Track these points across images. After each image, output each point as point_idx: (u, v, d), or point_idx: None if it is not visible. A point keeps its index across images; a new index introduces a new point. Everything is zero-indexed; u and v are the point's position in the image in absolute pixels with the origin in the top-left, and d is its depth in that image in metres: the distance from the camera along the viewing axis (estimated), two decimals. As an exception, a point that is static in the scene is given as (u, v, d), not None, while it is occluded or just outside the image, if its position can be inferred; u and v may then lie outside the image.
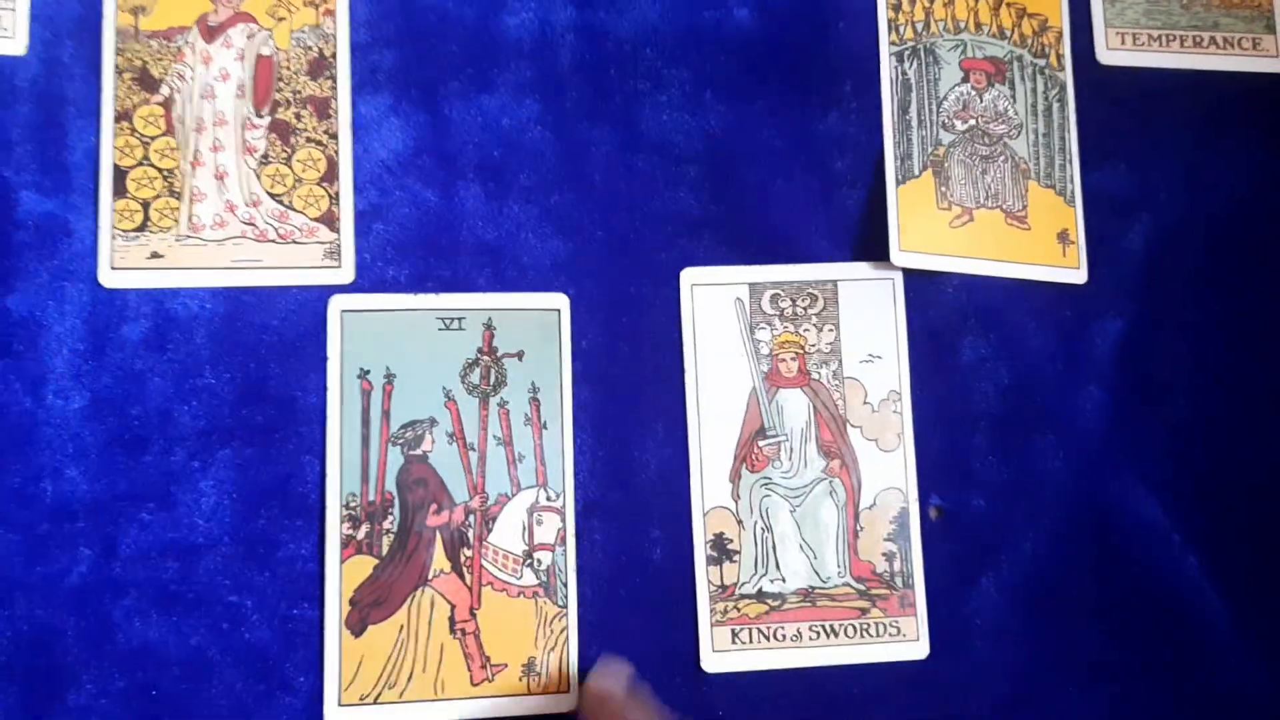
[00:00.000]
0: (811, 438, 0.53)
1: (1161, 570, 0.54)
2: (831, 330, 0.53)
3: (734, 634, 0.51)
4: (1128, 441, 0.55)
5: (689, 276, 0.52)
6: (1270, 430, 0.56)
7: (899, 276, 0.54)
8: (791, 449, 0.52)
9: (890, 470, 0.53)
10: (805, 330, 0.53)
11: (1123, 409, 0.55)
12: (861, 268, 0.54)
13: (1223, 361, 0.57)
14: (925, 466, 0.53)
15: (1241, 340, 0.57)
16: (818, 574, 0.52)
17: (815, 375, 0.53)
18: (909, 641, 0.51)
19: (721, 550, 0.51)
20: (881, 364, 0.53)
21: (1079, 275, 0.56)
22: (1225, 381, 0.57)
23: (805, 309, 0.53)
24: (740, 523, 0.51)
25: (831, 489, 0.52)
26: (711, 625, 0.50)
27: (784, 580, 0.51)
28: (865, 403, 0.53)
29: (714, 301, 0.53)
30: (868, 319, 0.53)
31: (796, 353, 0.53)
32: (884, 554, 0.52)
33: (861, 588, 0.52)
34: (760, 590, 0.51)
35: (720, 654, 0.50)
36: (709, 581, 0.51)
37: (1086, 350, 0.56)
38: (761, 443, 0.52)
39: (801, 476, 0.52)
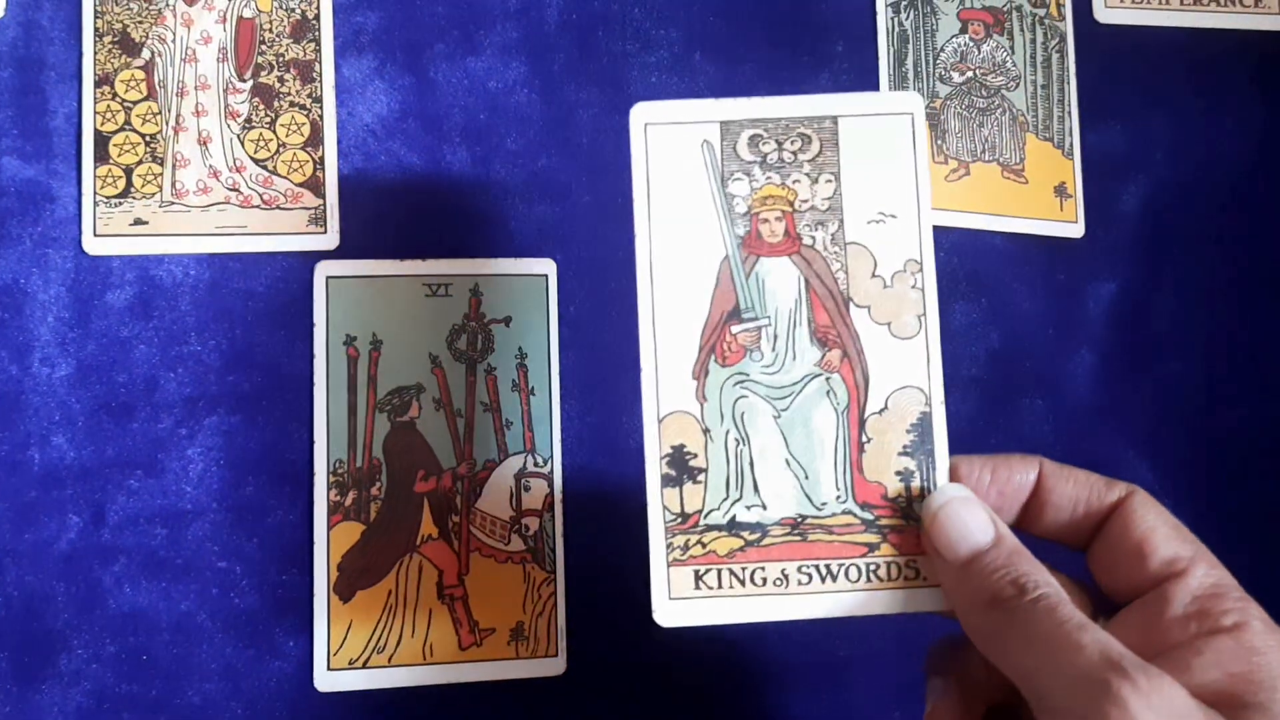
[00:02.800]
0: (803, 321, 0.40)
1: (1151, 534, 0.54)
2: (830, 181, 0.41)
3: (697, 576, 0.39)
4: (1119, 405, 0.55)
5: (641, 114, 0.40)
6: (1261, 394, 0.56)
7: (919, 110, 0.41)
8: (775, 335, 0.40)
9: (908, 363, 0.40)
10: (795, 182, 0.40)
11: (1114, 372, 0.55)
12: (869, 99, 0.41)
13: (1215, 325, 0.56)
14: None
15: (1234, 304, 0.57)
16: (809, 499, 0.40)
17: (808, 240, 0.40)
18: (927, 587, 0.39)
19: (681, 468, 0.39)
20: (896, 225, 0.40)
21: (1076, 229, 0.56)
22: (1217, 345, 0.56)
23: (796, 154, 0.41)
24: (707, 432, 0.40)
25: (829, 388, 0.40)
26: (668, 565, 0.39)
27: (764, 507, 0.39)
28: (875, 275, 0.40)
29: (675, 146, 0.41)
30: (879, 166, 0.40)
31: (783, 211, 0.40)
32: (898, 473, 0.40)
33: (868, 517, 0.39)
34: (733, 520, 0.39)
35: (679, 602, 0.39)
36: (664, 509, 0.39)
37: (1079, 313, 0.55)
38: (735, 328, 0.40)
39: (789, 372, 0.40)
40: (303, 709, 0.49)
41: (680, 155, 0.41)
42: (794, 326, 0.40)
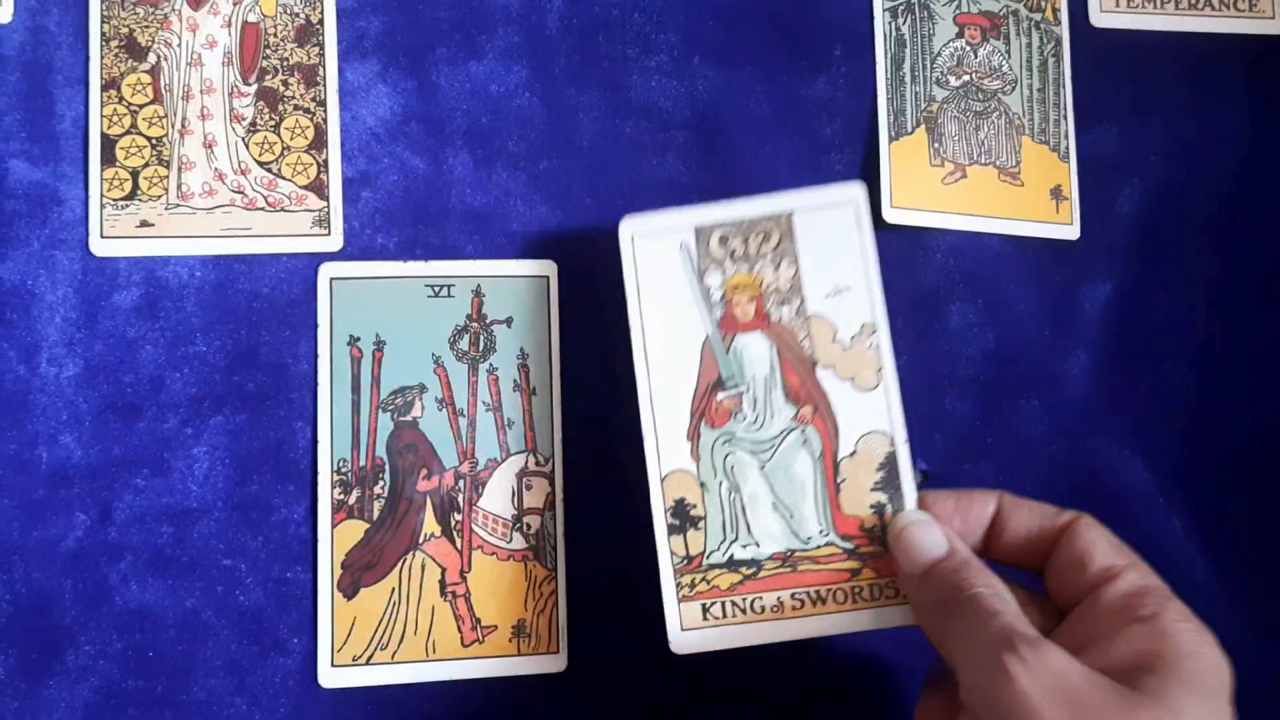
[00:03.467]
0: (777, 384, 0.47)
1: (1147, 533, 0.55)
2: (790, 266, 0.48)
3: (704, 609, 0.46)
4: (1114, 405, 0.56)
5: (628, 228, 0.47)
6: (1255, 395, 0.57)
7: (862, 197, 0.48)
8: (755, 398, 0.47)
9: (871, 411, 0.47)
10: (761, 269, 0.48)
11: (1109, 373, 0.56)
12: (818, 194, 0.48)
13: (1210, 326, 0.57)
14: (910, 427, 0.53)
15: (1229, 305, 0.57)
16: (796, 535, 0.46)
17: (775, 316, 0.47)
18: (905, 604, 0.46)
19: (683, 518, 0.46)
20: (850, 295, 0.47)
21: (1072, 231, 0.56)
22: (1212, 346, 0.57)
23: (759, 246, 0.48)
24: (703, 485, 0.46)
25: (804, 438, 0.47)
26: (679, 601, 0.46)
27: (757, 545, 0.46)
28: (835, 340, 0.47)
29: (658, 250, 0.47)
30: (831, 248, 0.47)
31: (753, 294, 0.47)
32: (871, 506, 0.46)
33: (849, 546, 0.46)
34: (731, 558, 0.46)
35: (690, 632, 0.46)
36: (672, 553, 0.46)
37: (1074, 314, 0.56)
38: (720, 395, 0.47)
39: (769, 428, 0.47)
40: (307, 705, 0.49)
41: (663, 257, 0.48)
42: (770, 389, 0.47)
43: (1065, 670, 0.36)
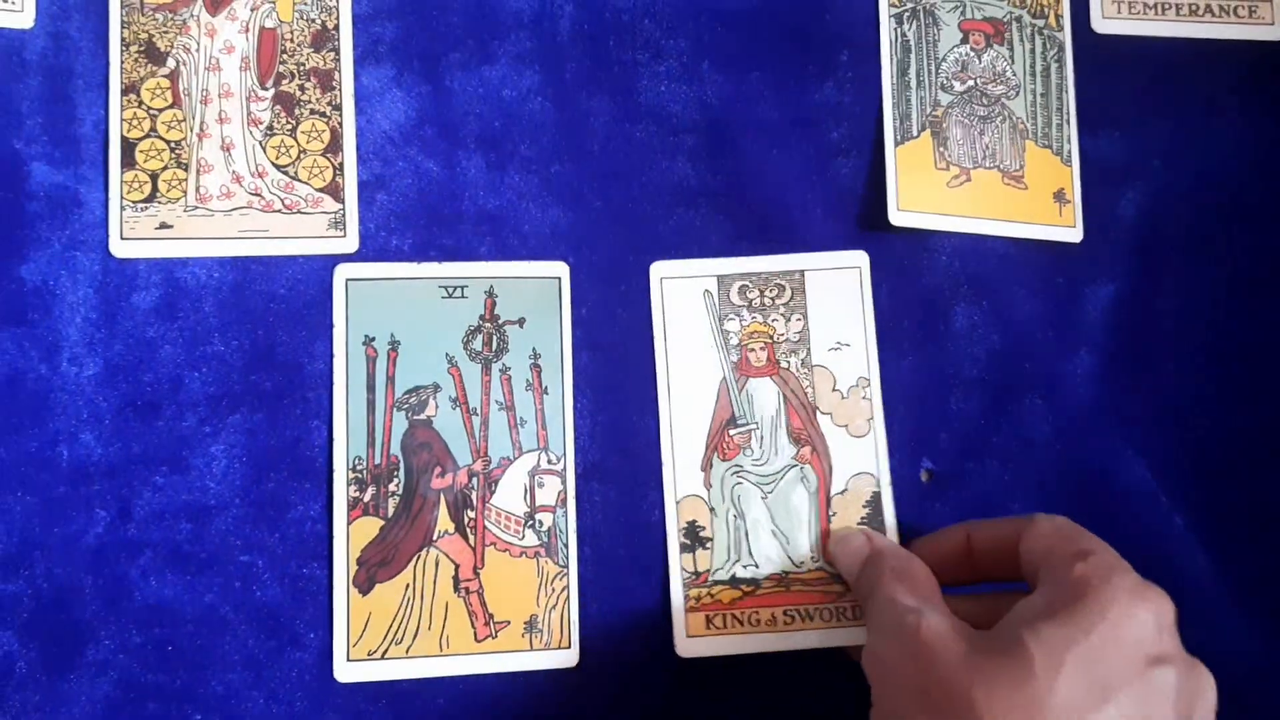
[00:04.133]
0: (782, 425, 0.53)
1: (1149, 530, 0.56)
2: (800, 319, 0.54)
3: (708, 619, 0.51)
4: (1116, 405, 0.56)
5: (658, 270, 0.53)
6: (1255, 395, 0.58)
7: (865, 265, 0.54)
8: (762, 437, 0.53)
9: (861, 455, 0.53)
10: (774, 320, 0.54)
11: (1112, 373, 0.57)
12: (828, 257, 0.54)
13: (1210, 327, 0.58)
14: (916, 426, 0.54)
15: (1229, 307, 0.58)
16: (791, 559, 0.52)
17: (784, 364, 0.53)
18: None
19: (694, 538, 0.52)
20: (850, 351, 0.54)
21: (1075, 234, 0.57)
22: (1212, 346, 0.58)
23: (773, 299, 0.54)
24: (712, 510, 0.52)
25: (803, 475, 0.53)
26: (686, 611, 0.51)
27: (757, 566, 0.52)
28: (834, 390, 0.54)
29: (684, 294, 0.53)
30: (835, 307, 0.54)
31: (765, 342, 0.53)
32: None
33: (834, 571, 0.52)
34: (734, 576, 0.51)
35: (695, 639, 0.51)
36: (682, 569, 0.51)
37: (1078, 316, 0.57)
38: (732, 431, 0.53)
39: (772, 464, 0.53)
40: (322, 699, 0.50)
41: (688, 301, 0.53)
42: (776, 429, 0.53)
43: (937, 631, 0.41)
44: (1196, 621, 0.55)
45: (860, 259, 0.54)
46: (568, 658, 0.51)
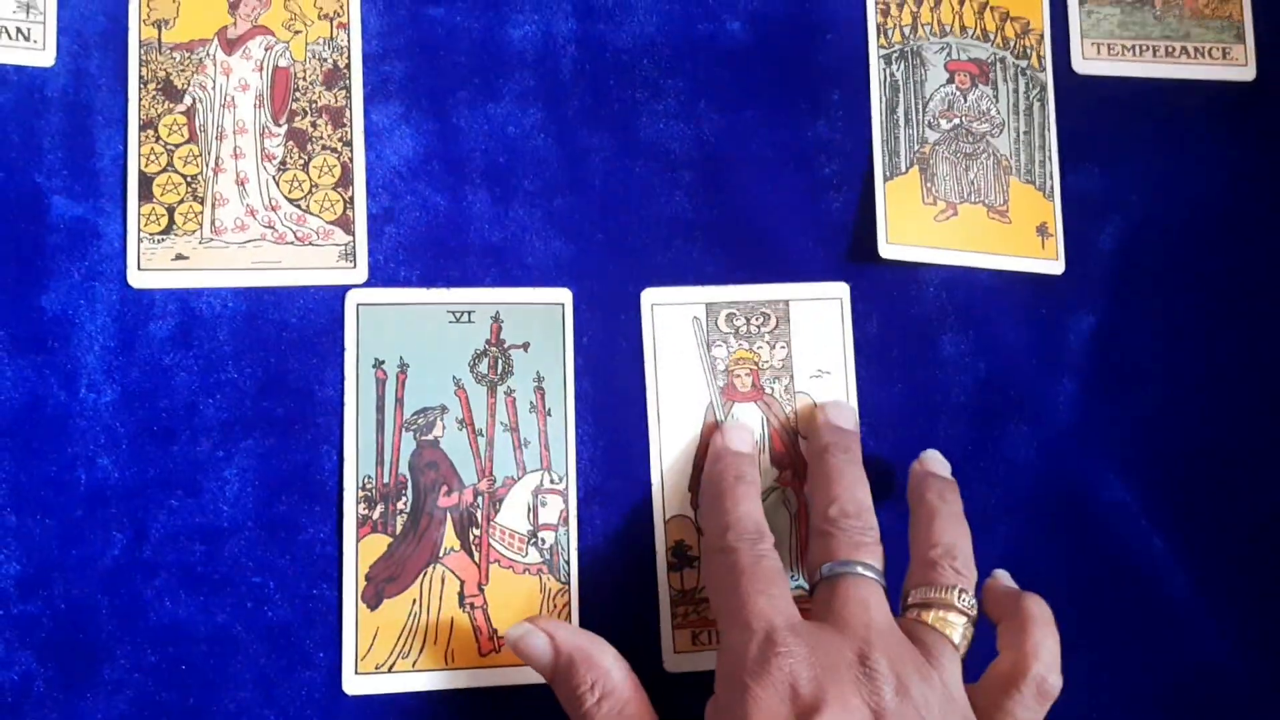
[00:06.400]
0: (765, 449, 0.55)
1: (1129, 550, 0.57)
2: (784, 347, 0.55)
3: (694, 635, 0.53)
4: (1098, 430, 0.58)
5: (649, 297, 0.54)
6: (1230, 419, 0.60)
7: (846, 295, 0.56)
8: None
9: None
10: (759, 347, 0.55)
11: (1093, 399, 0.58)
12: (811, 288, 0.56)
13: (1187, 354, 0.60)
14: (905, 451, 0.56)
15: (1205, 335, 0.60)
16: None
17: (768, 390, 0.55)
18: None
19: (681, 557, 0.53)
20: (830, 379, 0.55)
21: (1057, 266, 0.59)
22: (1189, 373, 0.60)
23: (759, 327, 0.55)
24: (700, 530, 0.53)
25: (784, 497, 0.54)
26: (673, 627, 0.53)
27: None
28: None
29: (673, 320, 0.55)
30: (817, 336, 0.55)
31: (751, 368, 0.55)
32: None
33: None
34: None
35: (681, 654, 0.53)
36: (670, 587, 0.53)
37: (1060, 344, 0.59)
38: None
39: None
40: (331, 715, 0.51)
41: (677, 327, 0.55)
42: (759, 452, 0.54)
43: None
44: (1176, 634, 0.57)
45: (841, 290, 0.56)
46: (570, 674, 0.52)
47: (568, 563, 0.53)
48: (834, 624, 0.45)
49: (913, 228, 0.57)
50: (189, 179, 0.53)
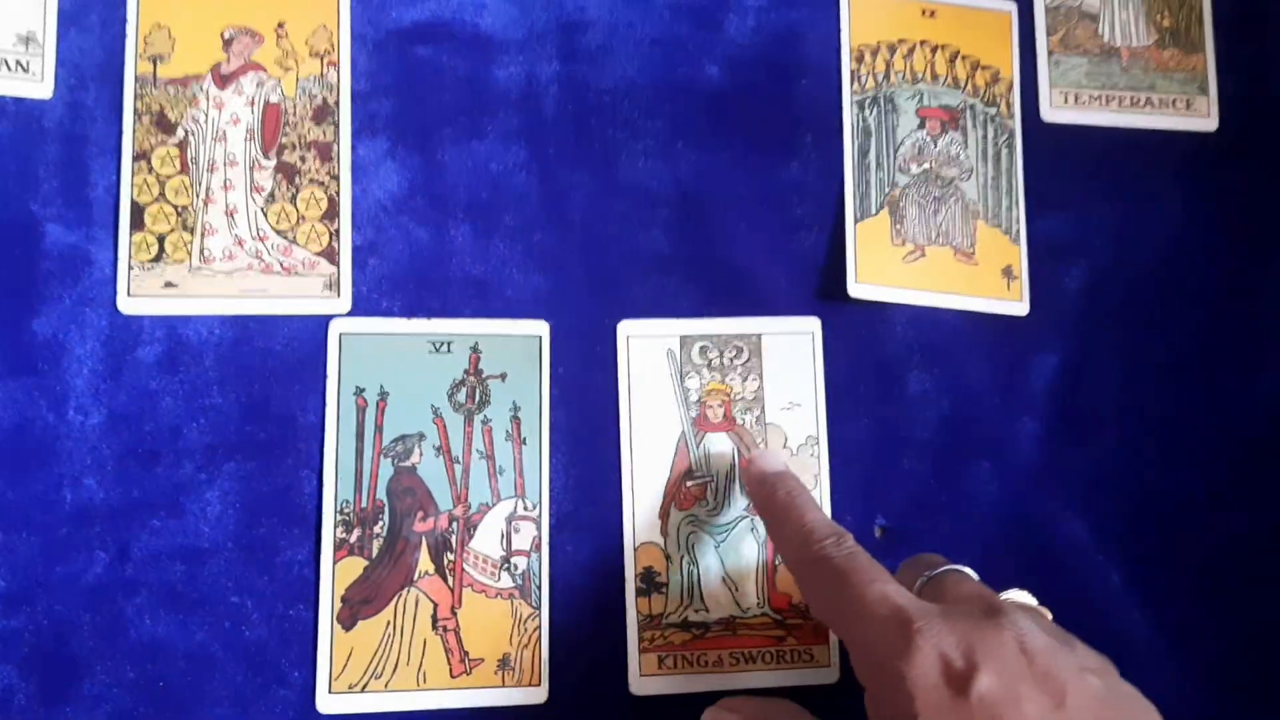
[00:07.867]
0: (736, 479, 0.56)
1: (1087, 586, 0.59)
2: (755, 380, 0.57)
3: (660, 660, 0.54)
4: (1059, 468, 0.60)
5: (625, 329, 0.56)
6: (1187, 460, 0.61)
7: (818, 330, 0.57)
8: (717, 489, 0.56)
9: None
10: (731, 379, 0.56)
11: (1055, 438, 0.60)
12: (783, 322, 0.57)
13: (1147, 396, 0.61)
14: (870, 485, 0.57)
15: (1164, 377, 0.61)
16: (739, 605, 0.55)
17: (740, 421, 0.56)
18: (820, 667, 0.55)
19: (650, 583, 0.54)
20: (800, 411, 0.56)
21: (1022, 307, 0.60)
22: (1148, 413, 0.61)
23: (731, 360, 0.57)
24: (668, 557, 0.55)
25: (753, 526, 0.56)
26: (640, 651, 0.54)
27: (707, 611, 0.54)
28: (785, 446, 0.56)
29: (648, 352, 0.56)
30: (789, 369, 0.57)
31: (723, 400, 0.56)
32: None
33: (778, 617, 0.55)
34: (685, 620, 0.54)
35: (647, 678, 0.54)
36: (638, 611, 0.54)
37: (1023, 383, 0.60)
38: (689, 483, 0.55)
39: (726, 515, 0.55)
40: (305, 733, 0.52)
41: (651, 359, 0.56)
42: (730, 482, 0.56)
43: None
44: (1133, 674, 0.57)
45: (813, 325, 0.58)
46: (538, 694, 0.53)
47: (539, 588, 0.54)
48: (939, 598, 0.45)
49: (881, 268, 0.59)
50: (180, 209, 0.55)
